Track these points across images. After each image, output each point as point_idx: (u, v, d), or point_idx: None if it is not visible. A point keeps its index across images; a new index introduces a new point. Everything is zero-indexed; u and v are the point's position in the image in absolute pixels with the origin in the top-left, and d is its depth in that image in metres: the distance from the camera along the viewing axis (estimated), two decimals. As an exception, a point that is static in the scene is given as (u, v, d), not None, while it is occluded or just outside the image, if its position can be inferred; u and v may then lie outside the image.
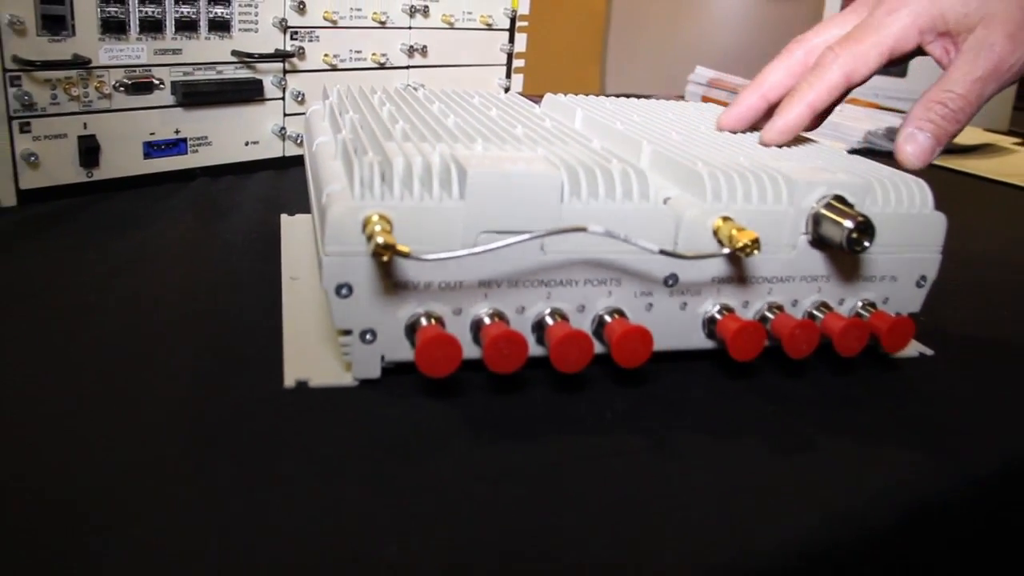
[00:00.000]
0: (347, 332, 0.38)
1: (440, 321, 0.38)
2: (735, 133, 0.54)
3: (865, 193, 0.42)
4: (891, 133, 1.10)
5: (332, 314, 0.37)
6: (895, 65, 0.51)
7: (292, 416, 0.37)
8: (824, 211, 0.41)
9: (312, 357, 0.41)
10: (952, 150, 1.13)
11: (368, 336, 0.38)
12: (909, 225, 0.44)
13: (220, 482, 0.32)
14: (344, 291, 0.37)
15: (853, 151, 1.09)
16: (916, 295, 0.46)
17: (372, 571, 0.28)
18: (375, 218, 0.35)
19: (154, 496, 0.30)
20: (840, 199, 0.41)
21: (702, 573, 0.29)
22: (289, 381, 0.39)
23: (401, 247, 0.34)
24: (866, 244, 0.40)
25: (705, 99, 1.31)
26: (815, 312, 0.43)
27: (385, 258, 0.34)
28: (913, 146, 0.46)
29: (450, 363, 0.36)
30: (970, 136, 1.21)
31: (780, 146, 0.51)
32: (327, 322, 0.45)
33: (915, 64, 1.43)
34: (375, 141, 0.41)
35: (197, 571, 0.27)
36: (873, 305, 0.45)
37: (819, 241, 0.42)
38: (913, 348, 0.48)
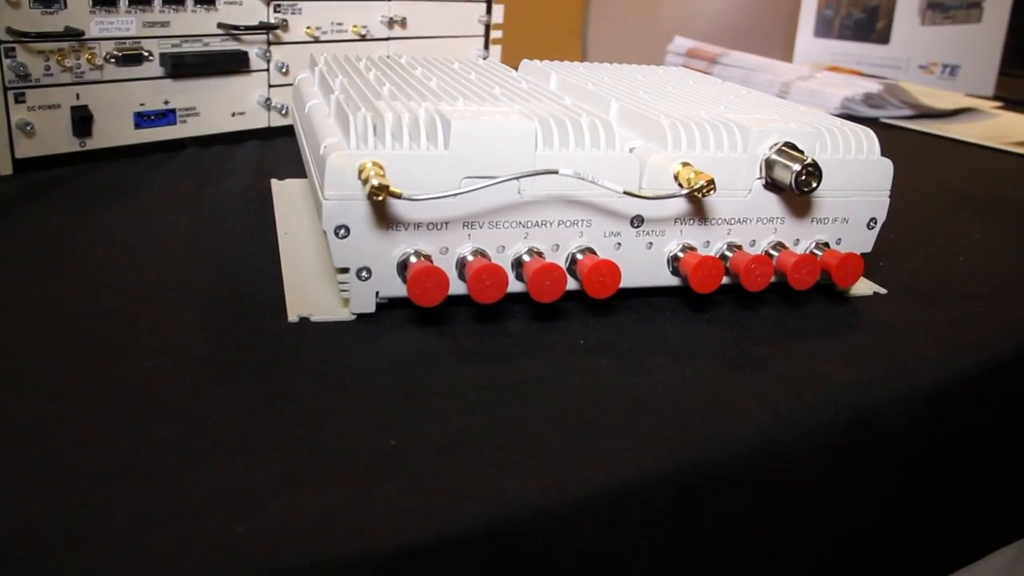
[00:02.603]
0: (344, 270, 0.44)
1: (429, 259, 0.44)
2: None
3: (814, 140, 0.49)
4: (868, 99, 1.18)
5: (331, 254, 0.44)
6: None
7: (297, 345, 0.43)
8: (775, 156, 0.48)
9: (311, 296, 0.48)
10: (932, 115, 1.21)
11: (364, 273, 0.44)
12: (857, 170, 0.51)
13: (237, 398, 0.38)
14: (342, 232, 0.43)
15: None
16: (867, 236, 0.53)
17: (380, 456, 0.34)
18: (369, 164, 0.42)
19: (178, 410, 0.37)
20: (790, 145, 0.48)
21: (659, 458, 0.36)
22: (292, 317, 0.46)
23: (394, 188, 0.40)
24: (814, 185, 0.47)
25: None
26: (771, 251, 0.50)
27: (380, 198, 0.40)
28: None
29: (438, 293, 0.43)
30: (953, 101, 1.28)
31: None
32: (323, 267, 0.51)
33: (897, 31, 1.51)
34: (366, 99, 0.48)
35: (210, 476, 0.33)
36: (827, 245, 0.52)
37: (772, 184, 0.49)
38: (867, 287, 0.55)
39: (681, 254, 0.48)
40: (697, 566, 0.39)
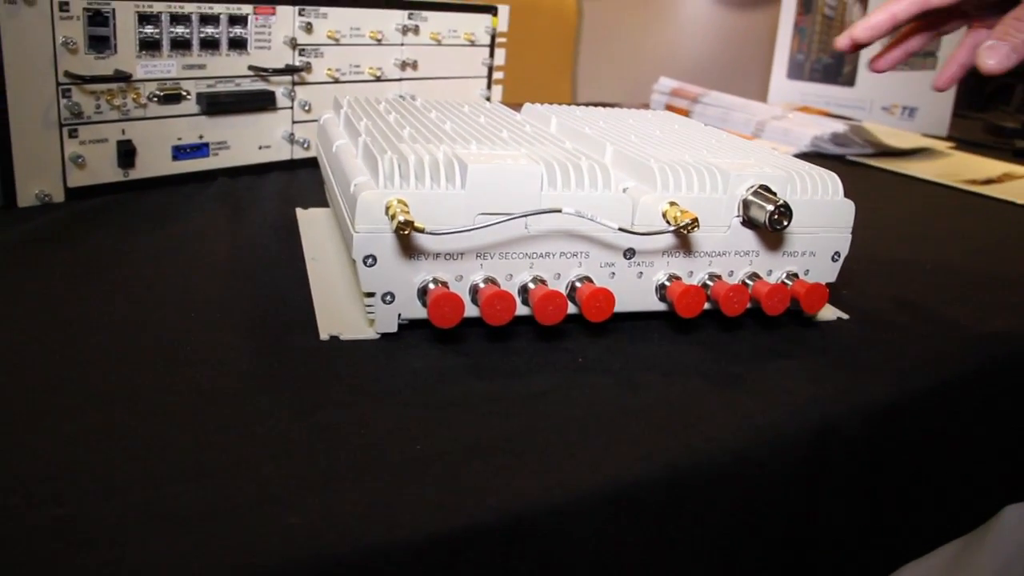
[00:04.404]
0: (371, 294, 0.47)
1: (445, 285, 0.47)
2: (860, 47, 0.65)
3: (786, 183, 0.52)
4: (836, 138, 1.21)
5: (360, 280, 0.47)
6: (972, 7, 0.61)
7: (329, 361, 0.46)
8: (751, 197, 0.51)
9: (340, 317, 0.51)
10: (892, 153, 1.24)
11: (388, 297, 0.47)
12: (823, 209, 0.54)
13: (280, 407, 0.41)
14: (370, 261, 0.46)
15: (801, 154, 1.19)
16: (832, 268, 0.56)
17: (408, 459, 0.37)
18: (395, 202, 0.44)
19: (229, 417, 0.40)
20: (765, 188, 0.51)
21: (648, 463, 0.39)
22: (324, 335, 0.48)
23: (418, 224, 0.43)
24: (785, 224, 0.50)
25: (668, 107, 1.41)
26: (747, 281, 0.53)
27: (406, 232, 0.43)
28: (994, 56, 0.55)
29: (455, 316, 0.45)
30: (910, 140, 1.32)
31: (870, 41, 0.64)
32: (349, 290, 0.54)
33: (861, 75, 1.55)
34: (390, 142, 0.51)
35: (261, 475, 0.36)
36: (796, 275, 0.55)
37: (748, 222, 0.52)
38: (832, 313, 0.59)
39: (668, 283, 0.51)
40: (680, 559, 0.41)
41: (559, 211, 0.46)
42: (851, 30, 0.64)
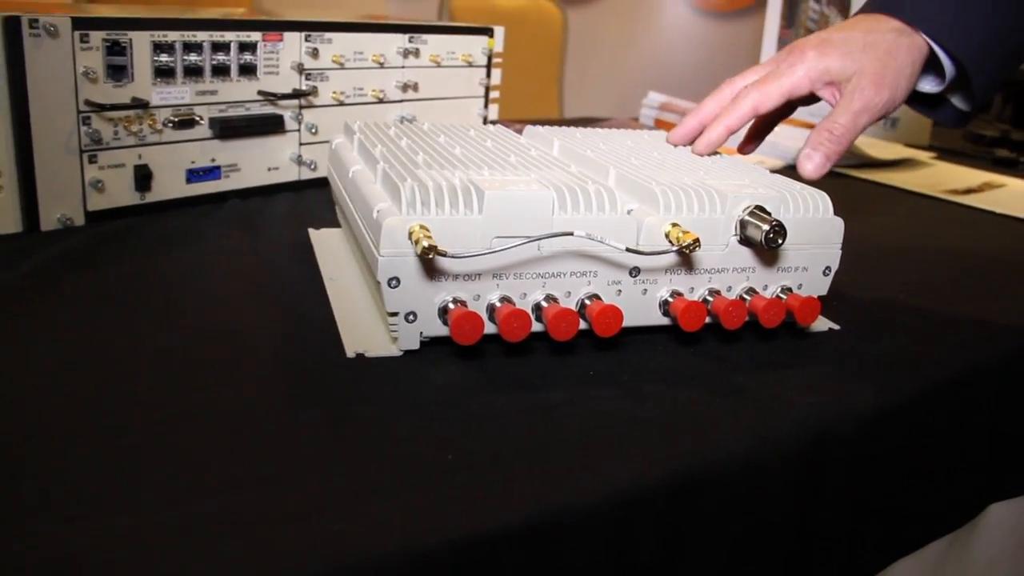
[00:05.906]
0: (394, 314, 0.50)
1: (464, 304, 0.50)
2: (678, 147, 0.71)
3: (780, 203, 0.56)
4: (821, 150, 1.25)
5: (384, 300, 0.50)
6: (795, 103, 0.67)
7: (358, 377, 0.49)
8: (748, 218, 0.54)
9: (363, 335, 0.54)
10: (876, 164, 1.28)
11: (411, 317, 0.50)
12: (814, 227, 0.57)
13: (316, 422, 0.44)
14: (394, 283, 0.49)
15: (788, 167, 1.23)
16: (823, 282, 0.59)
17: (440, 469, 0.40)
18: (418, 227, 0.48)
19: (268, 432, 0.43)
20: (760, 208, 0.55)
21: (658, 469, 0.42)
22: (350, 353, 0.51)
23: (440, 248, 0.46)
24: (780, 242, 0.53)
25: (657, 122, 1.44)
26: (744, 295, 0.57)
27: (430, 256, 0.46)
28: (810, 163, 0.62)
29: (475, 333, 0.48)
30: (893, 151, 1.36)
31: (711, 153, 0.69)
32: (370, 310, 0.57)
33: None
34: (408, 169, 0.54)
35: (307, 485, 0.39)
36: (790, 290, 0.58)
37: (745, 241, 0.55)
38: (824, 324, 0.62)
39: (671, 299, 0.54)
40: (689, 555, 0.44)
41: (571, 234, 0.49)
42: (687, 139, 0.71)
